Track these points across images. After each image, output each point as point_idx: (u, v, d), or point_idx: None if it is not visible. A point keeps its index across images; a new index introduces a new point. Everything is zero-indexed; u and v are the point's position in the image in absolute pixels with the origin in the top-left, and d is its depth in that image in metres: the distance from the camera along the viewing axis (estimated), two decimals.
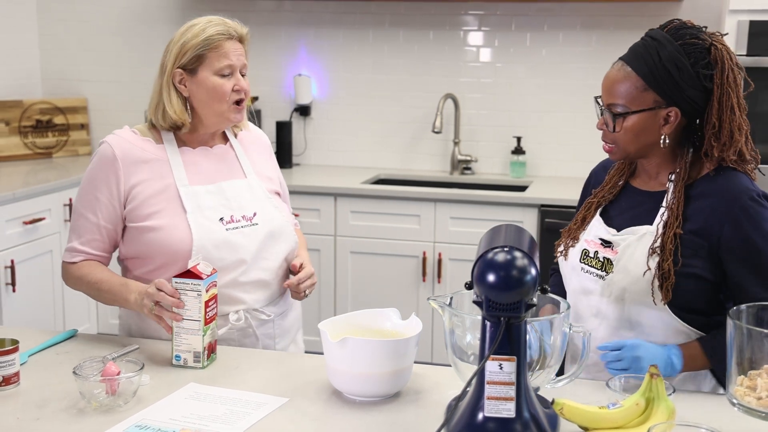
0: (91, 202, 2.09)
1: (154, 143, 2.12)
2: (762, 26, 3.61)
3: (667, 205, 1.86)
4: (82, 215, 2.10)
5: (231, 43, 2.08)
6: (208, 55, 2.06)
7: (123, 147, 2.10)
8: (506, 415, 1.48)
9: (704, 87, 1.82)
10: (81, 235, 2.10)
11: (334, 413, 1.69)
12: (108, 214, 2.08)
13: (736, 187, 1.83)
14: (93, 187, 2.10)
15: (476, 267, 1.50)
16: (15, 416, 1.66)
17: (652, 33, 1.86)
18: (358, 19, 4.59)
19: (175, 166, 2.10)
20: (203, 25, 2.09)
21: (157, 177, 2.08)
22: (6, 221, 3.76)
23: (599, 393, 1.71)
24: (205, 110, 2.09)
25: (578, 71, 4.37)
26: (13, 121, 4.70)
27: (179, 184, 2.08)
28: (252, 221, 2.10)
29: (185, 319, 1.88)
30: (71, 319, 4.21)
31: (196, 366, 1.90)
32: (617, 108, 1.85)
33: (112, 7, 4.88)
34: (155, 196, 2.06)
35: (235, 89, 2.07)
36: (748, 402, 1.48)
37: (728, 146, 1.84)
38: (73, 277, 2.12)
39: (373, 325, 1.86)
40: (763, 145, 3.69)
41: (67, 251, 2.13)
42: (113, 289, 2.04)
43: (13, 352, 1.79)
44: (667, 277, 1.80)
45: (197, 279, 1.88)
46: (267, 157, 2.28)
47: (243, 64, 2.10)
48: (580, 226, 2.00)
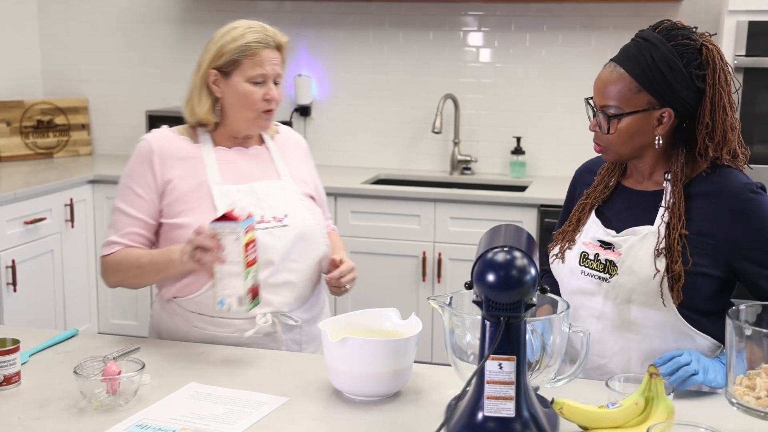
0: (129, 196, 2.10)
1: (190, 141, 2.14)
2: (761, 26, 3.61)
3: (666, 205, 1.86)
4: (119, 210, 2.11)
5: (268, 51, 2.09)
6: (243, 62, 2.08)
7: (160, 143, 2.12)
8: (506, 415, 1.48)
9: (697, 87, 1.82)
10: (119, 229, 2.10)
11: (334, 413, 1.69)
12: (146, 207, 2.09)
13: (735, 184, 1.84)
14: (131, 180, 2.12)
15: (476, 267, 1.50)
16: (16, 416, 1.66)
17: (643, 34, 1.86)
18: (358, 19, 4.59)
19: (209, 164, 2.11)
20: (243, 30, 2.11)
21: (192, 174, 2.09)
22: (7, 221, 3.76)
23: (599, 392, 1.70)
24: (234, 114, 2.12)
25: (578, 71, 4.37)
26: (14, 121, 4.70)
27: (212, 182, 2.08)
28: (282, 222, 2.09)
29: (226, 264, 1.87)
30: (72, 318, 4.21)
31: (240, 309, 1.89)
32: (610, 110, 1.84)
33: (112, 8, 4.88)
34: (188, 194, 2.08)
35: (265, 98, 2.09)
36: (747, 401, 1.48)
37: (722, 145, 1.84)
38: (110, 267, 2.10)
39: (373, 325, 1.86)
40: (762, 145, 3.69)
41: (105, 246, 2.12)
42: (155, 258, 2.03)
43: (14, 351, 1.79)
44: (677, 279, 1.80)
45: (234, 222, 1.87)
46: (303, 161, 2.28)
47: (277, 74, 2.11)
48: (576, 228, 1.98)
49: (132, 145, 5.34)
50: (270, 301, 2.07)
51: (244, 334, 2.06)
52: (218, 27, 5.23)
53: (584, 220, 1.98)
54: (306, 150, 2.32)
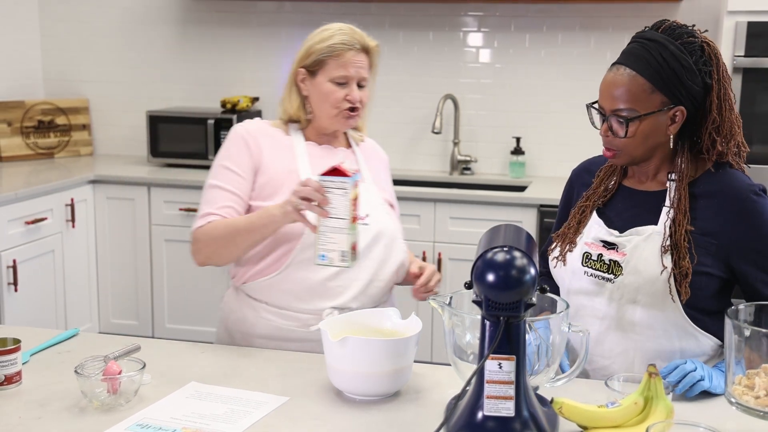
0: (225, 174, 2.12)
1: (282, 133, 2.19)
2: (760, 27, 3.61)
3: (671, 203, 1.86)
4: (215, 186, 2.12)
5: (353, 53, 2.13)
6: (329, 62, 2.12)
7: (254, 128, 2.18)
8: (505, 414, 1.48)
9: (705, 83, 1.83)
10: (212, 204, 2.11)
11: (335, 412, 1.69)
12: (242, 184, 2.11)
13: (738, 184, 1.85)
14: (226, 160, 2.14)
15: (476, 267, 1.50)
16: (17, 415, 1.66)
17: (647, 35, 1.85)
18: (358, 20, 4.54)
19: (300, 154, 2.15)
20: (332, 32, 2.15)
21: (283, 161, 2.14)
22: (8, 221, 3.76)
23: (598, 392, 1.70)
24: (319, 112, 2.17)
25: (577, 72, 4.37)
26: (16, 121, 4.70)
27: (302, 171, 2.12)
28: (364, 220, 2.09)
29: (331, 218, 1.88)
30: (73, 318, 4.21)
31: (342, 265, 1.90)
32: (624, 113, 1.83)
33: (113, 8, 4.88)
34: (278, 179, 2.11)
35: (347, 98, 2.12)
36: (746, 401, 1.48)
37: (729, 139, 1.86)
38: (204, 237, 2.08)
39: (373, 325, 1.86)
40: (761, 145, 3.69)
41: (197, 219, 2.12)
42: (252, 219, 2.03)
43: (15, 351, 1.79)
44: (685, 275, 1.80)
45: (344, 177, 1.88)
46: (384, 172, 2.32)
47: (361, 77, 2.15)
48: (576, 231, 1.97)
49: (132, 145, 5.35)
50: (340, 295, 2.07)
51: (310, 328, 2.06)
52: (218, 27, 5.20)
53: (585, 221, 1.97)
54: (386, 162, 2.37)
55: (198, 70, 4.83)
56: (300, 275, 2.06)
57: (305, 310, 2.07)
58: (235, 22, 4.72)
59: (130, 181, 4.30)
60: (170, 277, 4.32)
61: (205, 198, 2.14)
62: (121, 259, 4.37)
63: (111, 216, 4.35)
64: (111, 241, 4.37)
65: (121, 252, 4.36)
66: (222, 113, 4.51)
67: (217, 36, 4.76)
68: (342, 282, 2.07)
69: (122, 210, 4.33)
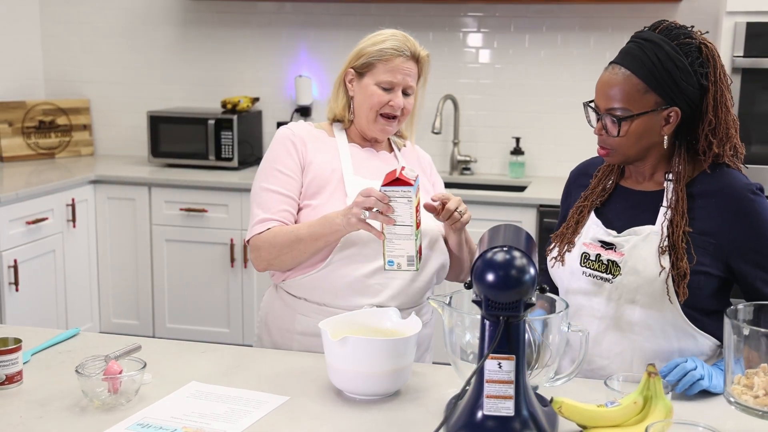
0: (276, 177, 2.12)
1: (326, 134, 2.21)
2: (759, 27, 3.61)
3: (669, 204, 1.86)
4: (267, 190, 2.12)
5: (402, 60, 2.14)
6: (377, 65, 2.14)
7: (299, 129, 2.19)
8: (505, 414, 1.48)
9: (701, 85, 1.83)
10: (270, 207, 2.10)
11: (335, 412, 1.69)
12: (293, 185, 2.12)
13: (736, 184, 1.85)
14: (275, 162, 2.14)
15: (475, 266, 1.50)
16: (18, 414, 1.66)
17: (644, 35, 1.85)
18: (358, 20, 4.58)
19: (344, 155, 2.16)
20: (385, 36, 2.17)
21: (327, 162, 2.14)
22: (9, 221, 3.76)
23: (597, 391, 1.70)
24: (359, 113, 2.18)
25: (577, 72, 4.37)
26: (17, 121, 4.70)
27: (345, 171, 2.13)
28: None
29: (397, 225, 1.90)
30: (74, 318, 4.21)
31: (409, 269, 1.94)
32: (617, 112, 1.83)
33: (114, 9, 4.88)
34: (323, 177, 2.12)
35: (390, 104, 2.13)
36: (745, 400, 1.48)
37: (725, 141, 1.85)
38: (265, 243, 2.07)
39: (373, 325, 1.86)
40: (760, 145, 3.69)
41: (254, 225, 2.10)
42: (314, 227, 2.03)
43: (16, 351, 1.78)
44: (683, 276, 1.80)
45: (407, 186, 1.90)
46: (428, 174, 2.31)
47: (408, 84, 2.16)
48: (575, 231, 1.97)
49: (133, 145, 5.35)
50: (379, 293, 2.07)
51: None
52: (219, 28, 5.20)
53: (583, 222, 1.97)
54: (429, 163, 2.36)
55: (198, 70, 4.83)
56: (340, 272, 2.06)
57: (344, 307, 2.05)
58: (236, 23, 4.72)
59: (131, 181, 4.31)
60: (171, 277, 4.32)
61: (258, 202, 2.13)
62: (122, 259, 4.37)
63: (112, 216, 4.35)
64: (112, 241, 4.37)
65: (122, 252, 4.37)
66: (222, 113, 4.51)
67: (217, 37, 4.76)
68: (381, 280, 2.07)
69: (123, 210, 4.33)
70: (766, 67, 3.62)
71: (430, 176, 2.33)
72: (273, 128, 4.66)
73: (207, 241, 4.25)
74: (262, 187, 2.13)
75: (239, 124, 4.45)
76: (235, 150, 4.43)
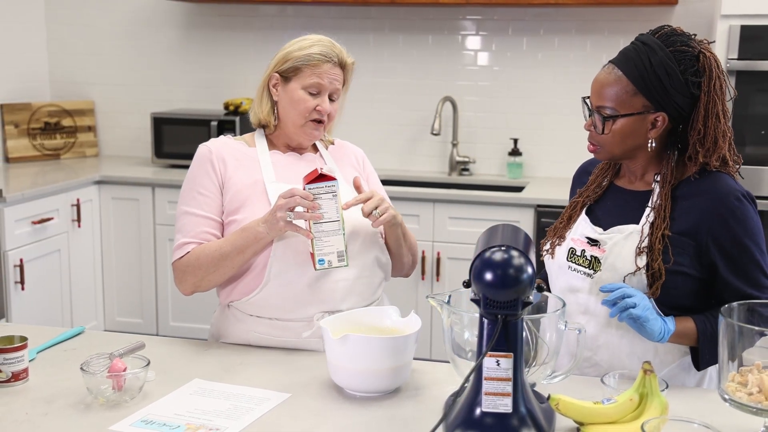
0: (194, 199, 2.10)
1: (246, 146, 2.17)
2: (753, 31, 3.61)
3: (652, 205, 1.87)
4: (185, 213, 2.09)
5: (330, 66, 2.11)
6: (304, 70, 2.10)
7: (217, 146, 2.15)
8: (503, 410, 1.48)
9: (692, 94, 1.82)
10: (189, 231, 2.07)
11: (336, 408, 1.69)
12: (212, 204, 2.09)
13: (722, 188, 1.83)
14: (193, 184, 2.11)
15: (474, 266, 1.50)
16: (24, 411, 1.66)
17: (643, 38, 1.86)
18: (358, 24, 4.59)
19: (264, 164, 2.13)
20: (312, 42, 2.13)
21: (247, 173, 2.11)
22: (15, 221, 3.76)
23: (594, 389, 1.71)
24: (286, 119, 2.14)
25: (573, 75, 4.37)
26: (22, 123, 4.70)
27: (267, 180, 2.10)
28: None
29: (324, 222, 1.90)
30: (79, 316, 4.21)
31: (340, 265, 1.92)
32: (606, 110, 1.85)
33: (118, 12, 4.88)
34: (243, 191, 2.09)
35: (317, 109, 2.10)
36: (739, 397, 1.48)
37: (712, 152, 1.84)
38: (188, 267, 2.04)
39: (373, 323, 1.86)
40: (754, 146, 3.69)
41: (175, 250, 2.08)
42: (236, 241, 1.99)
43: (21, 348, 1.79)
44: (658, 277, 1.80)
45: (331, 180, 1.90)
46: (360, 168, 2.27)
47: (335, 89, 2.13)
48: (566, 225, 1.99)
49: (137, 146, 5.35)
50: (328, 298, 2.03)
51: (302, 335, 2.03)
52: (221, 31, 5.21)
53: (575, 217, 1.99)
54: (361, 156, 2.32)
55: (201, 72, 4.83)
56: (283, 287, 2.02)
57: (297, 318, 2.03)
58: (238, 26, 4.72)
59: (135, 181, 4.31)
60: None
61: (179, 227, 2.09)
62: (126, 259, 4.37)
63: (116, 216, 4.35)
64: (116, 241, 4.37)
65: (126, 251, 4.37)
66: (225, 115, 4.51)
67: (220, 39, 4.76)
68: (327, 285, 2.03)
69: (127, 210, 4.33)
70: (760, 69, 3.62)
71: (364, 170, 2.28)
72: None
73: None
74: (182, 211, 2.10)
75: (241, 125, 4.45)
76: None
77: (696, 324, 1.82)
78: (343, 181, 2.14)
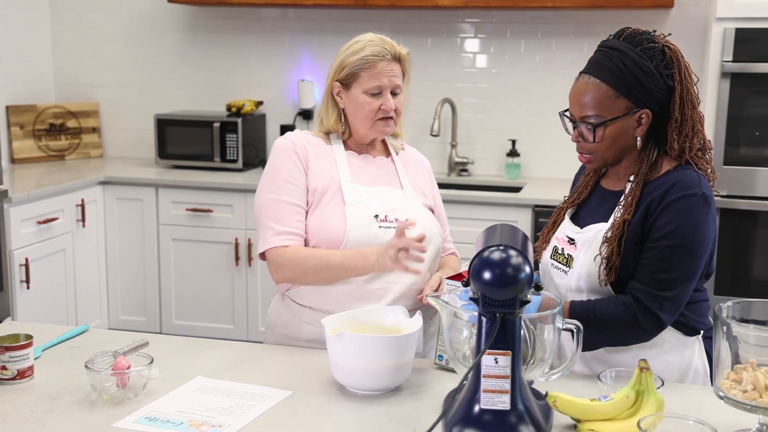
0: (283, 187, 2.09)
1: (324, 143, 2.18)
2: (747, 33, 3.61)
3: (623, 199, 1.88)
4: (275, 201, 2.08)
5: (385, 63, 2.10)
6: (362, 74, 2.09)
7: (298, 139, 2.16)
8: (501, 407, 1.48)
9: (667, 86, 1.85)
10: (282, 220, 2.06)
11: (337, 406, 1.69)
12: (301, 194, 2.10)
13: (682, 182, 1.83)
14: (281, 173, 2.11)
15: (473, 265, 1.50)
16: (29, 408, 1.66)
17: (609, 44, 1.90)
18: (359, 26, 4.58)
19: (341, 164, 2.14)
20: (363, 44, 2.12)
21: (325, 170, 2.12)
22: (21, 221, 3.76)
23: (591, 386, 1.71)
24: (355, 123, 2.15)
25: (571, 77, 4.29)
26: (28, 124, 4.70)
27: (343, 179, 2.11)
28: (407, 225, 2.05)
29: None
30: (83, 315, 4.21)
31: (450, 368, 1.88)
32: (591, 119, 1.87)
33: (122, 16, 4.88)
34: (321, 187, 2.09)
35: (382, 108, 2.10)
36: (734, 395, 1.48)
37: (690, 137, 1.86)
38: (288, 261, 2.04)
39: (375, 321, 1.86)
40: (748, 147, 3.69)
41: (271, 237, 2.06)
42: (347, 258, 2.01)
43: (27, 346, 1.79)
44: (610, 260, 1.82)
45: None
46: (424, 178, 2.29)
47: (395, 85, 2.12)
48: (551, 228, 2.04)
49: (140, 147, 5.35)
50: (381, 298, 2.05)
51: None
52: (224, 34, 5.21)
53: (560, 221, 2.03)
54: (427, 168, 2.33)
55: (204, 75, 4.83)
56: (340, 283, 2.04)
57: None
58: (240, 29, 4.72)
59: (139, 182, 4.30)
60: (177, 275, 4.32)
61: (270, 213, 2.08)
62: (130, 258, 4.37)
63: (120, 216, 4.35)
64: (120, 241, 4.37)
65: (130, 251, 4.37)
66: (227, 117, 4.51)
67: (222, 42, 4.76)
68: (381, 285, 2.04)
69: (131, 210, 4.33)
70: (754, 71, 3.61)
71: (426, 180, 2.30)
72: (276, 131, 4.66)
73: (212, 240, 4.25)
74: (271, 199, 2.09)
75: (243, 126, 4.45)
76: (239, 152, 4.43)
77: (571, 305, 1.85)
78: (411, 187, 2.19)
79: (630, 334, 1.84)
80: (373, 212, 2.08)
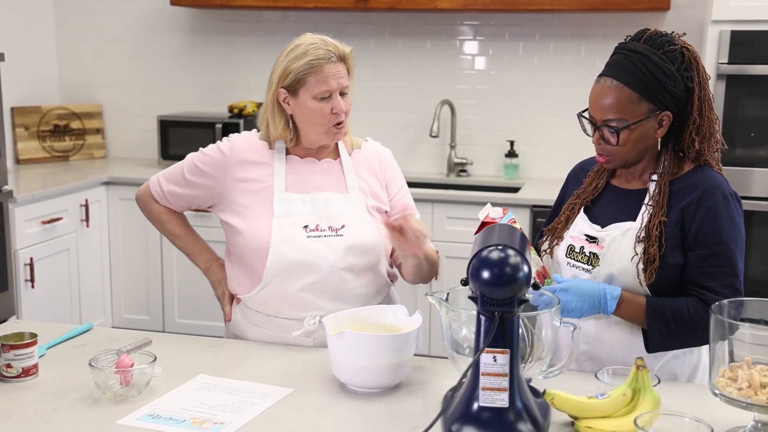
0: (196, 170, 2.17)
1: (266, 148, 2.14)
2: (743, 36, 3.61)
3: (650, 199, 1.87)
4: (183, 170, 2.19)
5: (331, 65, 2.03)
6: (309, 79, 2.03)
7: (239, 146, 2.15)
8: (500, 405, 1.48)
9: (687, 87, 1.85)
10: (172, 179, 2.22)
11: (337, 403, 1.69)
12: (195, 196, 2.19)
13: (713, 184, 1.85)
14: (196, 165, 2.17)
15: (471, 264, 1.50)
16: (34, 406, 1.66)
17: (630, 46, 1.86)
18: (359, 29, 4.58)
19: (278, 172, 2.10)
20: (305, 48, 2.05)
21: (260, 179, 2.10)
22: (25, 221, 3.76)
23: (588, 384, 1.71)
24: (306, 129, 2.09)
25: (569, 78, 4.37)
26: (32, 125, 4.70)
27: (276, 189, 2.07)
28: (338, 233, 2.04)
29: None
30: (87, 313, 4.21)
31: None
32: (613, 122, 1.84)
33: (125, 18, 4.88)
34: (251, 196, 2.08)
35: (333, 112, 2.05)
36: (729, 392, 1.48)
37: (708, 137, 1.87)
38: (151, 214, 2.30)
39: (376, 320, 1.86)
40: (743, 148, 3.69)
41: (153, 184, 2.27)
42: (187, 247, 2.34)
43: (32, 345, 1.79)
44: (652, 261, 1.82)
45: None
46: (382, 173, 2.20)
47: (343, 86, 2.05)
48: (565, 226, 2.00)
49: (144, 148, 5.35)
50: (320, 305, 2.04)
51: (292, 334, 2.04)
52: (226, 36, 5.20)
53: (573, 218, 2.00)
54: (385, 161, 2.22)
55: (206, 76, 4.83)
56: (278, 290, 2.04)
57: (292, 317, 2.05)
58: (242, 31, 4.72)
59: (142, 182, 4.24)
60: (180, 274, 4.32)
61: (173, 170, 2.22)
62: (133, 257, 4.37)
63: (123, 216, 4.35)
64: (123, 240, 4.37)
65: (133, 250, 4.36)
66: (229, 118, 4.51)
67: (224, 44, 4.76)
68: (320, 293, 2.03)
69: (134, 210, 4.28)
70: (749, 73, 3.62)
71: (385, 172, 2.21)
72: None
73: (214, 239, 4.22)
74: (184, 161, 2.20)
75: (245, 127, 4.44)
76: None
77: (647, 300, 1.83)
78: (357, 189, 2.12)
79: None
80: (303, 222, 2.04)
